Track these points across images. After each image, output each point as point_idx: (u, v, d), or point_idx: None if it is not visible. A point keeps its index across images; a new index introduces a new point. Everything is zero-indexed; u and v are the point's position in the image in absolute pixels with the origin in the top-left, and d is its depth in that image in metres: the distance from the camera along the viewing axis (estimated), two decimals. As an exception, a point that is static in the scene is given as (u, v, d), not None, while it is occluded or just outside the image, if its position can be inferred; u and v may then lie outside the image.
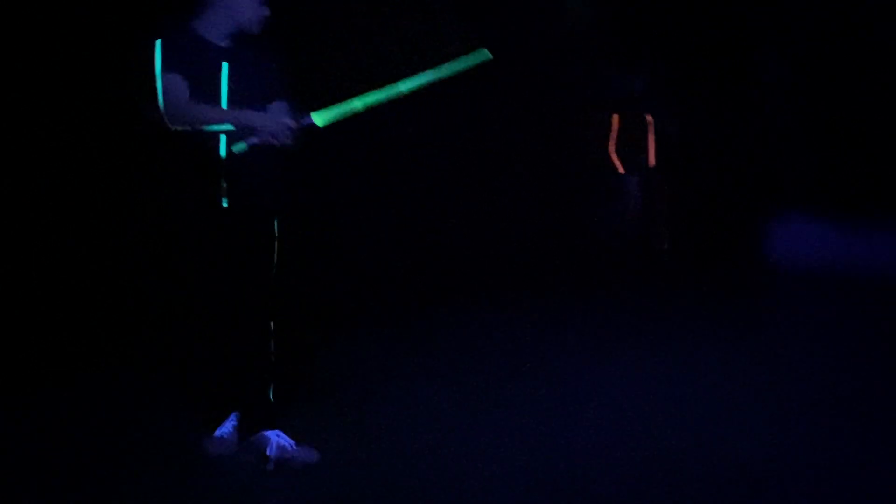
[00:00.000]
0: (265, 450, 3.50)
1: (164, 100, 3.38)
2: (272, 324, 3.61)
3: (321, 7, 5.97)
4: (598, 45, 7.51)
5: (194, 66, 3.44)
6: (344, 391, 4.54)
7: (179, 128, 3.41)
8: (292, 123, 3.40)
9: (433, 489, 3.34)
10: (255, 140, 3.40)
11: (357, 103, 3.38)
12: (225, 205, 3.48)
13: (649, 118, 7.11)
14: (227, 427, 3.62)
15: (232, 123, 3.43)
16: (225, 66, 3.49)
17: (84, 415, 4.27)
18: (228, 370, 3.57)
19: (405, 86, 3.44)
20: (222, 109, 3.46)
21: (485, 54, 3.45)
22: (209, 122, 3.42)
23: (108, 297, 5.22)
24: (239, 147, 3.40)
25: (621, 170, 7.15)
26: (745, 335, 5.47)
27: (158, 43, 3.41)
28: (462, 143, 7.11)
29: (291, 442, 3.55)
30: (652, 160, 6.98)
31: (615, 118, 7.23)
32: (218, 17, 3.49)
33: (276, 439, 3.53)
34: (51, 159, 5.27)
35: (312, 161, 5.70)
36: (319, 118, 3.36)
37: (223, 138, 3.45)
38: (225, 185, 3.46)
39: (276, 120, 3.42)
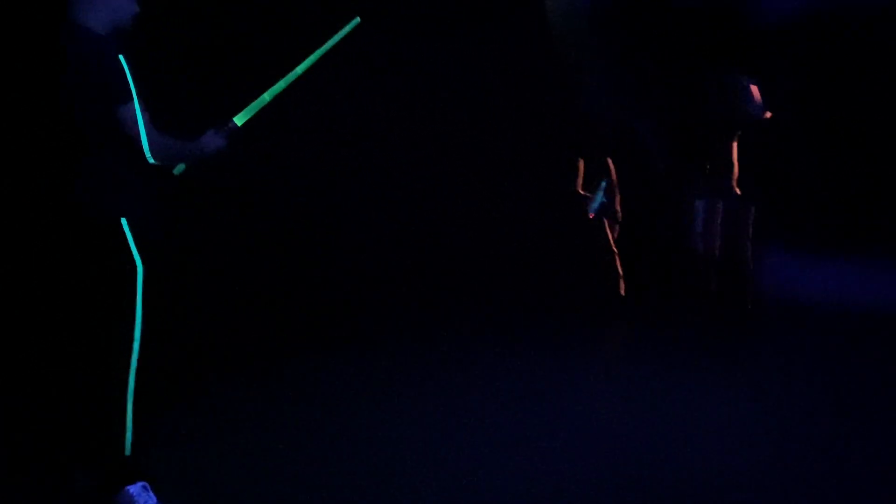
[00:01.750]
0: None
1: (148, 135, 3.11)
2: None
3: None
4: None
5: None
6: (340, 397, 4.56)
7: (159, 163, 3.18)
8: (223, 139, 3.36)
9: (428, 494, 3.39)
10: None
11: (266, 96, 3.50)
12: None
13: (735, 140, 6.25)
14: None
15: (195, 156, 3.33)
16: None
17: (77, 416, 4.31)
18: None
19: (300, 68, 3.55)
20: (185, 143, 3.30)
21: (356, 21, 3.66)
22: (183, 159, 3.33)
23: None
24: (180, 170, 3.47)
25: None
26: (744, 356, 5.44)
27: (122, 59, 3.06)
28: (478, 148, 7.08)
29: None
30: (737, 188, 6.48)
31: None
32: (98, 9, 3.15)
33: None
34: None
35: (310, 162, 5.80)
36: (240, 120, 3.45)
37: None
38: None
39: (212, 142, 3.31)
